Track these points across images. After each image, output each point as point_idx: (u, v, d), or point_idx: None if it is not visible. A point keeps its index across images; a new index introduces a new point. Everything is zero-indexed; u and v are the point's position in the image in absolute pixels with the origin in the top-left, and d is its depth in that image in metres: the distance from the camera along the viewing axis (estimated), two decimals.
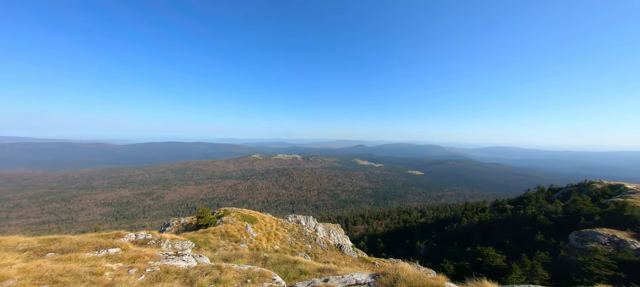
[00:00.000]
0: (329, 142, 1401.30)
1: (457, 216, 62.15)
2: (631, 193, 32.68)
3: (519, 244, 31.30)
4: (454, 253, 37.02)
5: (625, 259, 19.09)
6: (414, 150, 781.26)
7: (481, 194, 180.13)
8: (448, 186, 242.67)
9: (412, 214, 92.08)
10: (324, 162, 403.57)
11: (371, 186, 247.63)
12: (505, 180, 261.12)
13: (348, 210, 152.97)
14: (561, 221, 32.29)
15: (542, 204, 42.37)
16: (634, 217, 24.62)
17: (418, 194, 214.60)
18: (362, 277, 5.31)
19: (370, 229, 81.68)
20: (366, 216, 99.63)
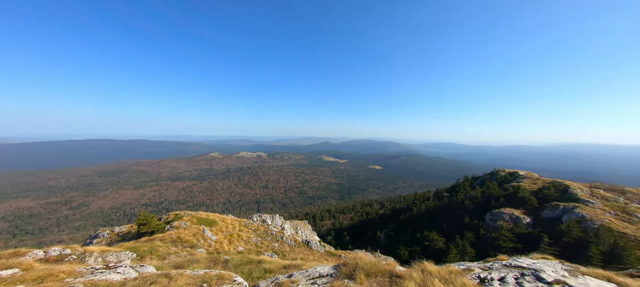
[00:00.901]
0: (296, 139, 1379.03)
1: (409, 206, 68.70)
2: (522, 178, 42.67)
3: (453, 227, 37.38)
4: (408, 240, 41.39)
5: (520, 232, 25.28)
6: (375, 146, 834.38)
7: (427, 185, 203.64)
8: (402, 178, 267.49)
9: (373, 207, 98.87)
10: (291, 159, 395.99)
11: (337, 181, 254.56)
12: (445, 171, 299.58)
13: (315, 206, 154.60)
14: (480, 204, 39.96)
15: (467, 190, 51.07)
16: (524, 197, 32.56)
17: (378, 188, 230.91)
18: (324, 269, 5.42)
19: (336, 224, 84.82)
20: (333, 211, 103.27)
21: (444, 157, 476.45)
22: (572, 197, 29.64)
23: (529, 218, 28.73)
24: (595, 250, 17.76)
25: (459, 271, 4.79)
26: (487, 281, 4.40)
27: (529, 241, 23.79)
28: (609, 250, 18.05)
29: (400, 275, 4.41)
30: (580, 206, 26.93)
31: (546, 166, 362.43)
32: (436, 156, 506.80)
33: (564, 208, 27.42)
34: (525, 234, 25.35)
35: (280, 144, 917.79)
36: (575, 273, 4.28)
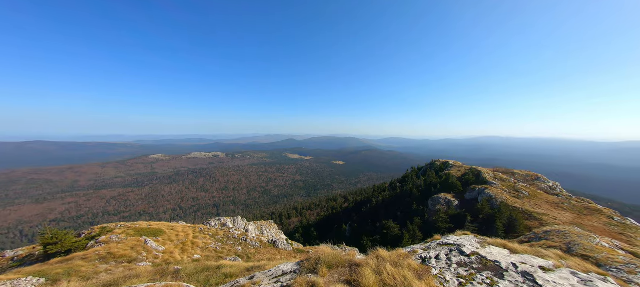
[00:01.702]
0: (257, 137, 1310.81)
1: (369, 198, 73.42)
2: (452, 167, 51.03)
3: (405, 214, 41.97)
4: (370, 230, 44.26)
5: (452, 213, 30.26)
6: (337, 142, 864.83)
7: (384, 177, 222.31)
8: (363, 172, 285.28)
9: (337, 201, 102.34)
10: (253, 158, 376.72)
11: (302, 178, 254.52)
12: (397, 164, 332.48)
13: (281, 205, 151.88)
14: (424, 191, 46.07)
15: (414, 180, 58.09)
16: (453, 183, 39.01)
17: (342, 182, 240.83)
18: (288, 267, 5.40)
19: (304, 221, 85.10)
20: (299, 208, 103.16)
21: (397, 151, 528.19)
22: (483, 180, 36.97)
23: (457, 201, 34.66)
24: (499, 223, 22.75)
25: (406, 254, 5.60)
26: (427, 260, 5.27)
27: (458, 220, 28.70)
28: (507, 222, 23.36)
29: (358, 264, 4.72)
30: (488, 187, 33.89)
31: (467, 155, 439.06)
32: (390, 150, 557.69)
33: (478, 190, 34.04)
34: (456, 214, 30.48)
35: (241, 143, 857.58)
36: (484, 245, 5.54)
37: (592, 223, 22.48)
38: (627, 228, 21.63)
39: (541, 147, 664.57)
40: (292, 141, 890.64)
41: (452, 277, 4.39)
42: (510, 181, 35.74)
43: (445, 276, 4.43)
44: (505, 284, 3.95)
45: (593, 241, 11.14)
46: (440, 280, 4.32)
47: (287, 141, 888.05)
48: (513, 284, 3.92)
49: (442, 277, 4.39)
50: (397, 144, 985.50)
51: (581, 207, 27.04)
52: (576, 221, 23.01)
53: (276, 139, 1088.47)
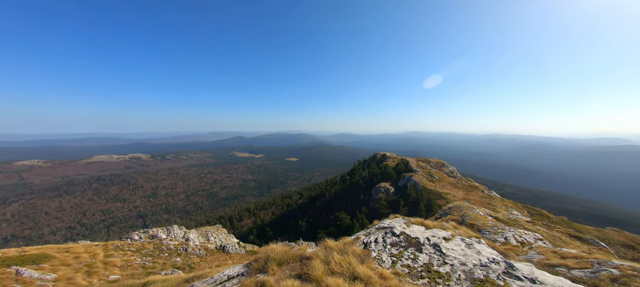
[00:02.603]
0: (198, 135, 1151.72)
1: (322, 192, 75.79)
2: (389, 158, 59.10)
3: (354, 204, 45.78)
4: (325, 223, 45.87)
5: (390, 199, 35.12)
6: (290, 139, 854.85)
7: (336, 171, 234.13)
8: (316, 167, 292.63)
9: (293, 198, 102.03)
10: (191, 159, 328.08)
11: (254, 177, 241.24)
12: (348, 158, 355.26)
13: (231, 207, 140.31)
14: (368, 182, 51.54)
15: (360, 172, 64.05)
16: (389, 173, 45.32)
17: (296, 179, 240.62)
18: (234, 270, 5.15)
19: (258, 221, 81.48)
20: (252, 209, 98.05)
21: (346, 146, 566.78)
22: (410, 168, 44.51)
23: (393, 188, 40.53)
24: (422, 204, 28.03)
25: (351, 241, 6.22)
26: (368, 244, 6.00)
27: (394, 205, 33.56)
28: (427, 203, 29.01)
29: (309, 256, 4.81)
30: (414, 174, 41.10)
31: (399, 147, 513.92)
32: (340, 145, 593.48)
33: (407, 177, 40.78)
34: (392, 200, 35.55)
35: (174, 142, 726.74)
36: (409, 224, 6.76)
37: (474, 197, 30.53)
38: (492, 198, 30.42)
39: (445, 139, 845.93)
40: (240, 139, 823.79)
41: (387, 257, 5.19)
42: (427, 168, 44.24)
43: (382, 256, 5.21)
44: (423, 256, 4.98)
45: (475, 211, 15.14)
46: (378, 261, 5.04)
47: (235, 139, 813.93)
48: (428, 255, 4.99)
49: (380, 258, 5.14)
50: (346, 139, 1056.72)
51: (467, 186, 36.25)
52: (466, 196, 30.71)
53: (222, 137, 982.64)
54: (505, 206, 28.01)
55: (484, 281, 3.97)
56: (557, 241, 14.39)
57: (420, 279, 4.24)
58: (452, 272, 4.30)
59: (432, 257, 4.84)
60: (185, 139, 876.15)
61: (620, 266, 5.43)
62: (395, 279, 3.96)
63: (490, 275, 4.09)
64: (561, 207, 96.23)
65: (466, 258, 4.66)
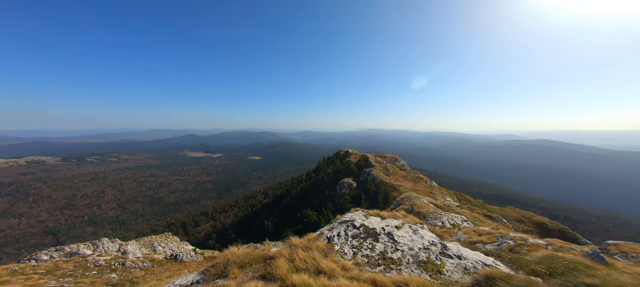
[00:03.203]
0: (134, 133, 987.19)
1: (288, 190, 74.50)
2: (351, 155, 62.59)
3: (320, 201, 46.72)
4: (291, 221, 44.98)
5: (353, 194, 37.25)
6: (252, 137, 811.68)
7: (301, 169, 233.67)
8: (281, 166, 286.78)
9: (257, 198, 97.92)
10: (125, 160, 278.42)
11: (211, 179, 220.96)
12: (313, 155, 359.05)
13: (184, 212, 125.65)
14: (333, 178, 53.50)
15: (325, 169, 65.83)
16: (352, 169, 48.10)
17: (260, 178, 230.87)
18: (188, 279, 4.82)
19: (218, 225, 75.45)
20: (211, 212, 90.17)
21: (311, 143, 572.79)
22: (370, 164, 48.28)
23: (356, 183, 43.20)
24: (380, 197, 30.78)
25: (315, 237, 6.38)
26: (332, 238, 6.26)
27: (357, 199, 35.77)
28: (384, 195, 32.02)
29: (273, 256, 4.70)
30: (373, 169, 44.77)
31: (360, 144, 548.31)
32: (305, 142, 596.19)
33: (367, 172, 44.14)
34: (355, 194, 37.83)
35: (97, 141, 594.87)
36: (367, 216, 7.35)
37: (420, 187, 35.30)
38: (433, 188, 35.73)
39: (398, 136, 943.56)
40: (193, 137, 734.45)
41: (349, 248, 5.52)
42: (383, 162, 48.76)
43: (344, 249, 5.51)
44: (379, 245, 5.49)
45: (421, 200, 17.48)
46: (341, 253, 5.31)
47: (185, 137, 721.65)
48: (383, 244, 5.52)
49: (342, 251, 5.43)
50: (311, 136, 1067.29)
51: (415, 178, 41.63)
52: (414, 187, 35.21)
53: (167, 135, 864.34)
54: (442, 193, 33.31)
55: (427, 262, 4.66)
56: (477, 221, 17.96)
57: (378, 266, 4.68)
58: (402, 257, 4.89)
59: (387, 246, 5.40)
60: (113, 138, 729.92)
61: (514, 237, 7.17)
62: (356, 270, 4.26)
63: (431, 256, 4.82)
64: (478, 191, 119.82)
65: (413, 243, 5.37)
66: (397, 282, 3.55)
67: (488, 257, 4.97)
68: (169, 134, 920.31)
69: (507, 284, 3.19)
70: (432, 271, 4.35)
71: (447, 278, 4.08)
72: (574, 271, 4.02)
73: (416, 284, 3.42)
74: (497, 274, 3.45)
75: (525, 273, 4.25)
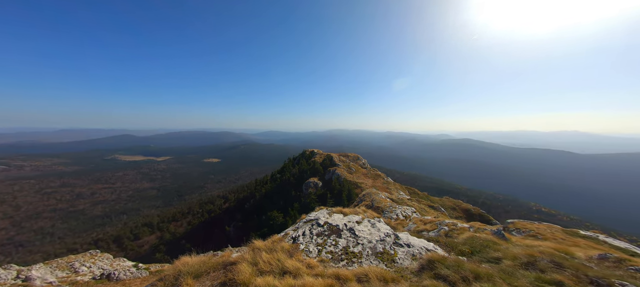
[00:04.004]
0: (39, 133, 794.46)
1: (252, 193, 71.03)
2: (317, 154, 63.77)
3: (287, 201, 45.89)
4: (256, 225, 42.89)
5: (319, 193, 37.88)
6: (209, 137, 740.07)
7: (266, 170, 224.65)
8: (243, 167, 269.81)
9: (216, 203, 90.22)
10: (20, 168, 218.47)
11: (155, 185, 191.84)
12: (278, 155, 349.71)
13: (117, 226, 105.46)
14: (299, 178, 53.35)
15: (291, 169, 65.13)
16: (318, 168, 49.04)
17: (218, 181, 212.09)
18: None
19: (166, 235, 66.17)
20: (156, 223, 78.32)
21: (275, 143, 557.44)
22: (334, 163, 50.21)
23: (321, 182, 44.19)
24: (344, 195, 32.30)
25: (280, 238, 6.30)
26: (297, 238, 6.28)
27: (323, 198, 36.54)
28: (348, 193, 33.75)
29: (234, 261, 4.45)
30: (337, 168, 46.72)
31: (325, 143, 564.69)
32: (269, 143, 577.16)
33: (332, 171, 45.78)
34: (321, 193, 38.62)
35: None
36: (331, 214, 7.66)
37: (379, 184, 38.68)
38: (389, 184, 39.63)
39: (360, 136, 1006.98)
40: (127, 138, 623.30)
41: (314, 247, 5.66)
42: (346, 161, 51.44)
43: (309, 247, 5.62)
44: (342, 241, 5.80)
45: (379, 196, 19.12)
46: (306, 252, 5.40)
47: (116, 138, 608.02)
48: (346, 239, 5.86)
49: (307, 249, 5.52)
50: (275, 136, 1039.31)
51: (374, 175, 45.40)
52: (373, 184, 38.32)
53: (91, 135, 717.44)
54: (397, 188, 37.26)
55: (383, 252, 5.18)
56: (423, 211, 20.79)
57: (341, 261, 4.95)
58: (363, 251, 5.30)
59: (349, 241, 5.76)
60: (5, 139, 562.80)
61: (449, 223, 8.63)
62: (321, 266, 4.41)
63: (386, 247, 5.38)
64: (423, 184, 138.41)
65: (371, 236, 5.88)
66: (358, 275, 3.84)
67: (430, 243, 5.85)
68: (92, 135, 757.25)
69: (443, 265, 3.85)
70: (388, 261, 4.86)
71: (399, 265, 4.63)
72: (486, 248, 5.13)
73: (374, 274, 3.78)
74: (436, 257, 4.12)
75: (455, 254, 5.18)
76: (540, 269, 3.84)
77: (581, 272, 3.74)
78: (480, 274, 3.54)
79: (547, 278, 3.51)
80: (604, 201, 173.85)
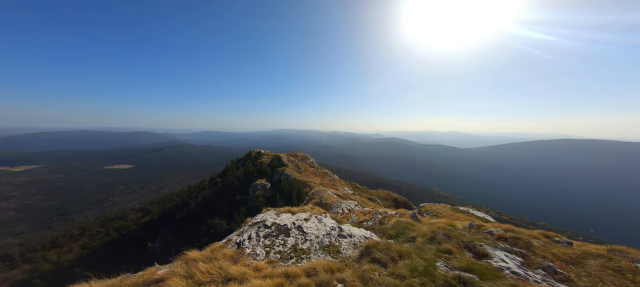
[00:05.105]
0: None
1: (185, 201, 61.68)
2: (264, 155, 61.23)
3: (231, 207, 41.68)
4: (194, 236, 37.44)
5: (267, 195, 36.29)
6: (117, 139, 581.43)
7: (201, 175, 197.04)
8: (170, 173, 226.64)
9: (129, 217, 72.31)
10: None
11: (10, 204, 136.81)
12: (217, 158, 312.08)
13: None
14: (244, 181, 49.59)
15: (234, 172, 59.77)
16: (265, 169, 47.09)
17: (132, 192, 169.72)
18: None
19: (45, 266, 48.45)
20: (19, 253, 55.48)
21: (215, 145, 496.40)
22: (283, 163, 49.62)
23: (269, 184, 42.59)
24: (294, 195, 32.34)
25: (221, 245, 5.80)
26: (242, 243, 5.94)
27: (272, 200, 35.30)
28: (297, 193, 34.00)
29: (162, 277, 4.01)
30: (286, 168, 46.38)
31: (273, 144, 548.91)
32: (207, 144, 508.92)
33: (280, 172, 45.05)
34: (270, 195, 37.20)
35: None
36: (279, 214, 7.63)
37: (326, 181, 41.01)
38: (335, 181, 42.72)
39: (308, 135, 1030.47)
40: None
41: (262, 249, 5.51)
42: (295, 161, 51.81)
43: (256, 250, 5.44)
44: (291, 239, 5.91)
45: (327, 193, 20.30)
46: (253, 255, 5.20)
47: None
48: (294, 237, 6.00)
49: (254, 253, 5.33)
50: (216, 137, 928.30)
51: (322, 173, 47.84)
52: (322, 182, 40.28)
53: None
54: (342, 185, 40.55)
55: (329, 245, 5.63)
56: (364, 204, 23.57)
57: (290, 259, 5.05)
58: (311, 246, 5.58)
59: (298, 238, 5.93)
60: None
61: (382, 212, 10.22)
62: (269, 267, 4.38)
63: (332, 240, 5.88)
64: (363, 180, 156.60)
65: (318, 231, 6.27)
66: (307, 269, 4.07)
67: (367, 231, 6.79)
68: None
69: (376, 250, 4.59)
70: (334, 252, 5.33)
71: (344, 255, 5.17)
72: (406, 230, 6.44)
73: (322, 266, 4.09)
74: (371, 243, 4.87)
75: (386, 238, 6.23)
76: (438, 242, 5.19)
77: (460, 239, 5.29)
78: (402, 253, 4.44)
79: (442, 248, 4.78)
80: (476, 182, 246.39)
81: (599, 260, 4.35)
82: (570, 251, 4.82)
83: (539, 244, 5.15)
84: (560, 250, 4.84)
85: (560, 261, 4.43)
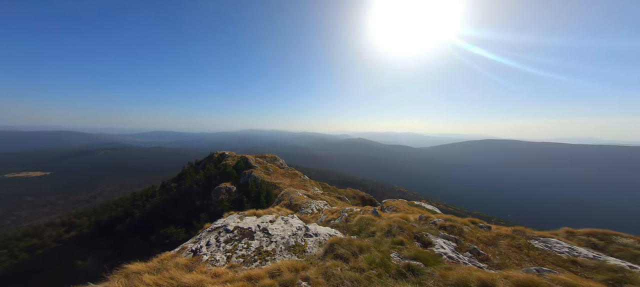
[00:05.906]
0: None
1: (128, 210, 54.02)
2: (228, 157, 57.40)
3: (189, 213, 37.74)
4: (140, 248, 32.80)
5: (232, 198, 34.04)
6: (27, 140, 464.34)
7: (149, 180, 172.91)
8: (105, 179, 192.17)
9: (44, 234, 59.18)
10: None
11: None
12: (169, 161, 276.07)
13: None
14: (205, 185, 45.52)
15: (193, 176, 54.45)
16: (230, 172, 44.18)
17: (49, 204, 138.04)
18: None
19: None
20: None
21: (165, 147, 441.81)
22: (250, 165, 47.40)
23: (235, 187, 40.06)
24: (262, 197, 31.15)
25: (173, 254, 5.30)
26: (198, 250, 5.52)
27: (238, 203, 33.23)
28: (266, 195, 32.84)
29: None
30: (253, 170, 44.47)
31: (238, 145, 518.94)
32: (155, 146, 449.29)
33: (248, 174, 42.95)
34: (235, 198, 34.99)
35: None
36: (242, 217, 7.35)
37: (296, 182, 40.81)
38: (305, 181, 42.88)
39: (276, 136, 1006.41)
40: None
41: (222, 254, 5.24)
42: (263, 163, 50.07)
43: (216, 256, 5.14)
44: (255, 242, 5.76)
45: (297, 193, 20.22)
46: (212, 262, 4.91)
47: None
48: (259, 240, 5.87)
49: (213, 259, 5.04)
50: (169, 138, 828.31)
51: (292, 174, 47.44)
52: (291, 183, 39.91)
53: None
54: (312, 185, 40.89)
55: (295, 245, 5.70)
56: (333, 203, 24.31)
57: (254, 262, 4.95)
58: (276, 248, 5.56)
59: (262, 241, 5.83)
60: None
61: (348, 210, 10.78)
62: (230, 272, 4.21)
63: (298, 240, 5.96)
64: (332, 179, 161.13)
65: (284, 232, 6.29)
66: (271, 271, 4.06)
67: (333, 229, 7.10)
68: None
69: (339, 246, 4.87)
70: (299, 252, 5.42)
71: (309, 254, 5.31)
72: (368, 225, 6.98)
73: (286, 266, 4.14)
74: (335, 240, 5.14)
75: (349, 234, 6.63)
76: (393, 234, 5.79)
77: (411, 231, 6.01)
78: (363, 247, 4.82)
79: (396, 240, 5.37)
80: (428, 177, 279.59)
81: (506, 240, 5.54)
82: (489, 234, 5.99)
83: (468, 229, 6.24)
84: (482, 234, 5.98)
85: (482, 243, 5.48)
